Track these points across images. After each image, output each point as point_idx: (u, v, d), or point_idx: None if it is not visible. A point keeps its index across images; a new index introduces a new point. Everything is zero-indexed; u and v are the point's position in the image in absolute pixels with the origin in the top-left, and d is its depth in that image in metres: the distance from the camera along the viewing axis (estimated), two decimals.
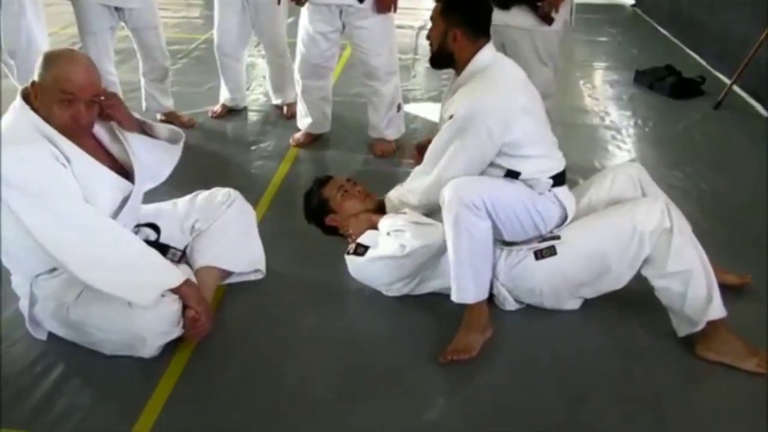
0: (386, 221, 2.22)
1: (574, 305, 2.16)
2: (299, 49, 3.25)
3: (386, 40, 3.18)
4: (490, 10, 2.13)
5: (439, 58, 2.15)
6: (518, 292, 2.14)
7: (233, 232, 2.24)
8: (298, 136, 3.50)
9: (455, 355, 1.94)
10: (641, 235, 1.94)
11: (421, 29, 5.98)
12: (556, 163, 2.13)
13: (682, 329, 1.98)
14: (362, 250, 2.20)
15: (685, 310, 1.94)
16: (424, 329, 2.10)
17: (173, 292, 1.90)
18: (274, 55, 3.74)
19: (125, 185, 1.97)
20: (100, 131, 1.99)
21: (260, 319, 2.15)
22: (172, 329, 1.91)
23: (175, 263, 2.04)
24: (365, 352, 2.01)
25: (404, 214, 2.20)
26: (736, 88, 4.16)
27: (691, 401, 1.84)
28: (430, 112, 3.87)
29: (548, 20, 2.75)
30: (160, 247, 2.07)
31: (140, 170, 2.01)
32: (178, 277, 1.92)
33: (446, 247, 2.00)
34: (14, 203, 1.73)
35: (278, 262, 2.39)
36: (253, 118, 3.92)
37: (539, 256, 2.06)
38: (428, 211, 2.18)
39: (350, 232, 2.33)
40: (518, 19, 2.78)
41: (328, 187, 2.46)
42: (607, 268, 2.02)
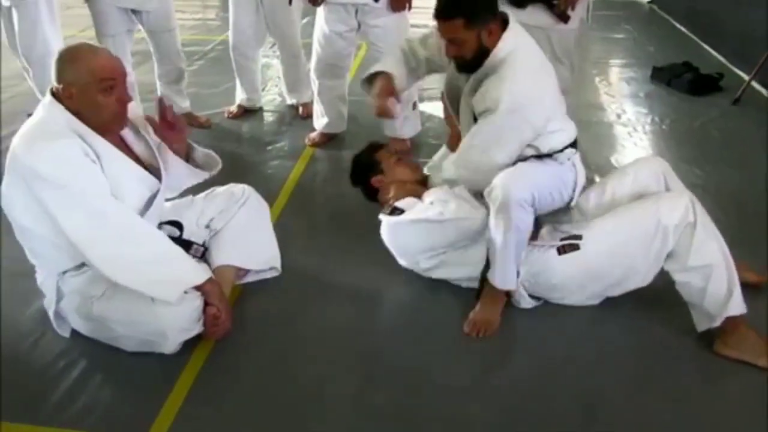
0: (433, 192, 2.27)
1: (594, 300, 2.15)
2: (315, 49, 3.27)
3: (401, 38, 3.17)
4: None
5: (474, 62, 2.06)
6: (539, 288, 2.14)
7: (249, 230, 2.26)
8: (313, 135, 3.52)
9: (478, 328, 2.01)
10: (665, 229, 1.94)
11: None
12: (572, 131, 2.17)
13: (701, 324, 1.97)
14: (398, 212, 2.24)
15: (704, 305, 1.93)
16: (440, 326, 2.11)
17: (197, 289, 1.92)
18: (288, 55, 3.76)
19: (153, 182, 1.99)
20: (124, 130, 2.02)
21: (277, 316, 2.17)
22: (193, 326, 1.93)
23: (197, 259, 2.07)
24: (382, 349, 2.02)
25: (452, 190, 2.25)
26: (755, 83, 4.11)
27: (709, 400, 1.83)
28: None
29: (564, 18, 2.74)
30: (183, 243, 2.09)
31: (165, 170, 2.04)
32: (202, 274, 1.94)
33: (483, 233, 2.07)
34: (47, 198, 1.76)
35: (294, 260, 2.40)
36: (268, 118, 3.94)
37: (562, 251, 2.06)
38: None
39: (391, 195, 2.36)
40: (534, 17, 2.76)
41: (382, 151, 2.54)
42: (631, 263, 2.02)
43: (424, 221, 2.16)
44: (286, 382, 1.89)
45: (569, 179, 2.15)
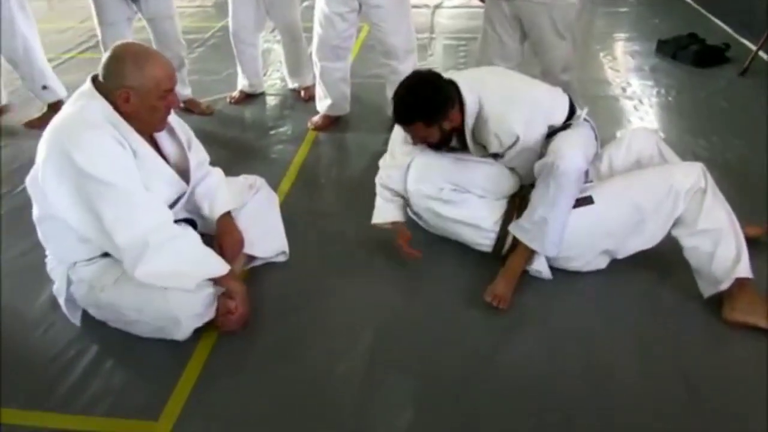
0: None
1: (601, 263, 2.16)
2: (316, 30, 3.24)
3: (403, 18, 3.17)
4: (438, 77, 2.14)
5: (443, 142, 2.21)
6: None
7: (260, 219, 2.28)
8: (316, 119, 3.51)
9: (496, 300, 2.05)
10: (677, 193, 1.98)
11: (437, 8, 5.92)
12: (563, 94, 2.26)
13: (707, 290, 1.99)
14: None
15: (712, 269, 1.95)
16: (447, 308, 2.11)
17: (220, 284, 1.94)
18: (289, 39, 3.74)
19: (181, 185, 2.00)
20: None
21: (285, 300, 2.17)
22: (205, 312, 1.93)
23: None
24: (390, 331, 2.02)
25: None
26: (762, 54, 4.06)
27: (719, 367, 1.83)
28: None
29: None
30: None
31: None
32: (223, 267, 1.95)
33: (505, 190, 2.22)
34: (81, 187, 1.75)
35: (300, 243, 2.41)
36: (271, 102, 3.93)
37: (576, 204, 2.07)
38: None
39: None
40: None
41: None
42: (641, 221, 2.04)
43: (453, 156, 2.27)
44: (294, 365, 1.90)
45: (592, 135, 2.23)
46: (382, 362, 1.90)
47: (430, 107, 2.07)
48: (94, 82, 1.84)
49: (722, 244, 1.94)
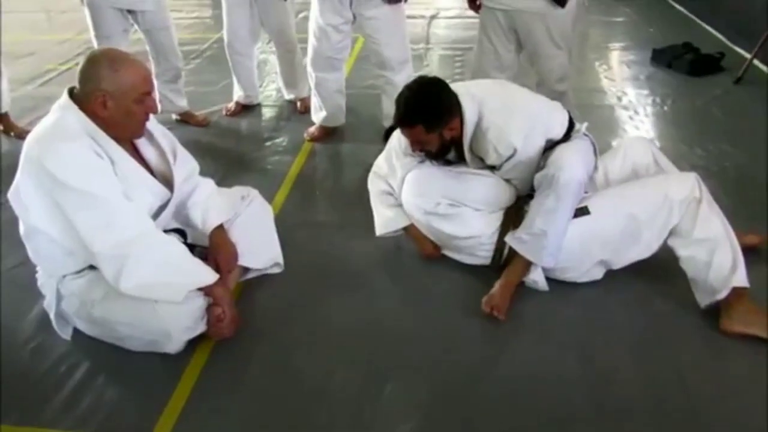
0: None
1: (597, 274, 2.16)
2: (311, 42, 3.25)
3: (397, 29, 3.17)
4: (443, 84, 2.14)
5: (442, 151, 2.20)
6: None
7: (253, 230, 2.26)
8: (312, 130, 3.51)
9: (494, 310, 2.03)
10: (672, 202, 1.99)
11: (432, 18, 5.95)
12: (562, 108, 2.24)
13: (704, 299, 1.98)
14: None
15: (709, 278, 1.94)
16: (444, 318, 2.10)
17: (204, 291, 1.92)
18: (284, 50, 3.75)
19: (164, 193, 1.98)
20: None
21: (279, 311, 2.16)
22: (196, 324, 1.92)
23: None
24: (387, 342, 2.01)
25: None
26: (756, 62, 4.07)
27: (716, 376, 1.82)
28: None
29: (561, 2, 2.71)
30: (187, 247, 2.07)
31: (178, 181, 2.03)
32: (211, 276, 1.93)
33: (502, 204, 2.21)
34: (60, 199, 1.74)
35: (296, 255, 2.39)
36: (267, 114, 3.93)
37: (573, 215, 2.06)
38: None
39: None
40: (530, 3, 2.75)
41: None
42: (637, 231, 2.04)
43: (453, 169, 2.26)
44: (289, 378, 1.88)
45: (591, 149, 2.21)
46: (379, 373, 1.88)
47: (433, 112, 2.08)
48: (71, 94, 1.84)
49: (718, 253, 1.94)
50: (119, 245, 1.77)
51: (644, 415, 1.71)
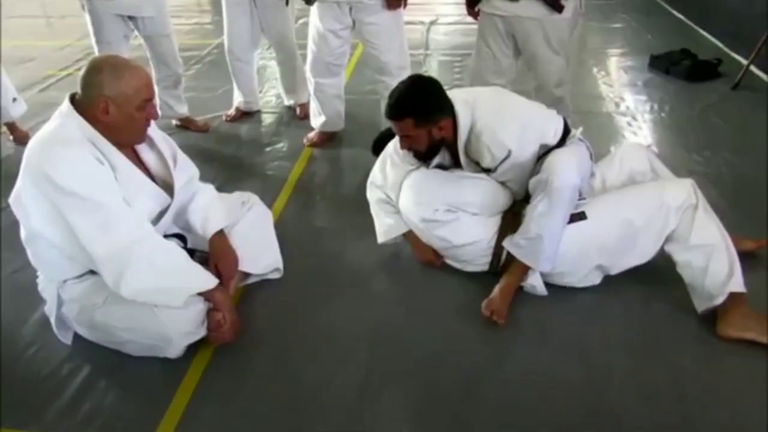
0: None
1: (595, 279, 2.17)
2: (310, 47, 3.27)
3: (396, 35, 3.19)
4: (437, 84, 2.17)
5: (430, 151, 2.21)
6: None
7: (253, 236, 2.27)
8: (311, 135, 3.52)
9: (494, 315, 2.03)
10: (668, 208, 2.00)
11: (431, 24, 5.97)
12: (556, 114, 2.24)
13: (701, 305, 1.99)
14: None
15: (705, 284, 1.95)
16: (443, 322, 2.10)
17: (204, 297, 1.93)
18: (284, 56, 3.76)
19: (164, 198, 1.99)
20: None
21: (279, 316, 2.17)
22: (197, 329, 1.93)
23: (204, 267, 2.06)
24: (386, 346, 2.02)
25: None
26: (753, 68, 4.09)
27: (714, 381, 1.83)
28: None
29: (558, 8, 2.73)
30: (187, 252, 2.08)
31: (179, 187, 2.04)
32: (211, 281, 1.94)
33: (500, 208, 2.22)
34: (61, 205, 1.75)
35: (296, 260, 2.40)
36: (266, 120, 3.94)
37: (569, 220, 2.08)
38: None
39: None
40: (528, 9, 2.76)
41: None
42: (634, 236, 2.05)
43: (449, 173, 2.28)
44: (289, 382, 1.89)
45: (587, 154, 2.22)
46: (379, 377, 1.89)
47: (424, 105, 2.10)
48: (72, 101, 1.85)
49: (714, 259, 1.95)
50: (119, 250, 1.78)
51: (640, 419, 1.71)
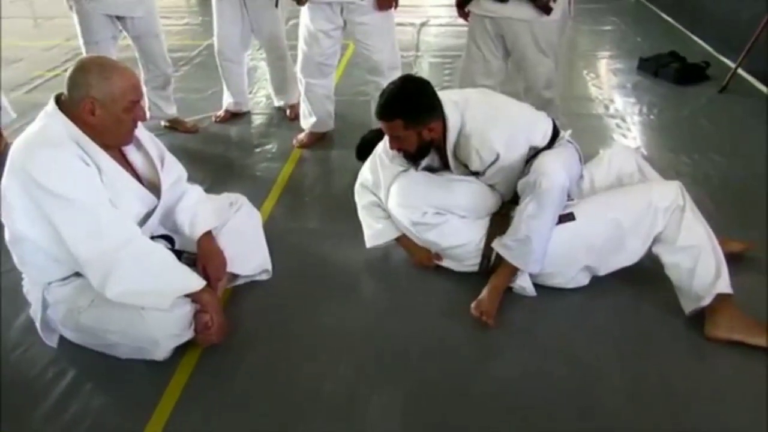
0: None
1: (583, 280, 2.17)
2: (301, 47, 3.26)
3: (387, 35, 3.19)
4: (428, 85, 2.17)
5: (420, 153, 2.21)
6: None
7: (241, 237, 2.26)
8: (301, 136, 3.51)
9: (483, 315, 2.04)
10: (656, 210, 2.02)
11: (422, 26, 5.98)
12: (545, 116, 2.26)
13: (689, 306, 2.00)
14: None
15: (693, 285, 1.97)
16: (432, 324, 2.10)
17: (191, 298, 1.91)
18: (274, 57, 3.75)
19: (150, 199, 1.98)
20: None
21: (268, 317, 2.16)
22: (184, 331, 1.92)
23: (192, 268, 2.05)
24: (376, 348, 2.01)
25: None
26: (741, 71, 4.13)
27: (702, 382, 1.83)
28: None
29: (547, 10, 2.74)
30: (174, 254, 2.07)
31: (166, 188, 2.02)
32: (198, 282, 1.93)
33: (489, 211, 2.22)
34: (45, 206, 1.74)
35: (285, 261, 2.39)
36: (256, 121, 3.93)
37: (558, 221, 2.08)
38: None
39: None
40: (517, 11, 2.77)
41: None
42: (621, 237, 2.06)
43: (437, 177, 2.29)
44: (277, 384, 1.88)
45: (576, 156, 2.23)
46: (368, 380, 1.88)
47: (413, 107, 2.10)
48: (57, 101, 1.83)
49: (702, 260, 1.96)
50: (105, 252, 1.76)
51: (629, 419, 1.72)
